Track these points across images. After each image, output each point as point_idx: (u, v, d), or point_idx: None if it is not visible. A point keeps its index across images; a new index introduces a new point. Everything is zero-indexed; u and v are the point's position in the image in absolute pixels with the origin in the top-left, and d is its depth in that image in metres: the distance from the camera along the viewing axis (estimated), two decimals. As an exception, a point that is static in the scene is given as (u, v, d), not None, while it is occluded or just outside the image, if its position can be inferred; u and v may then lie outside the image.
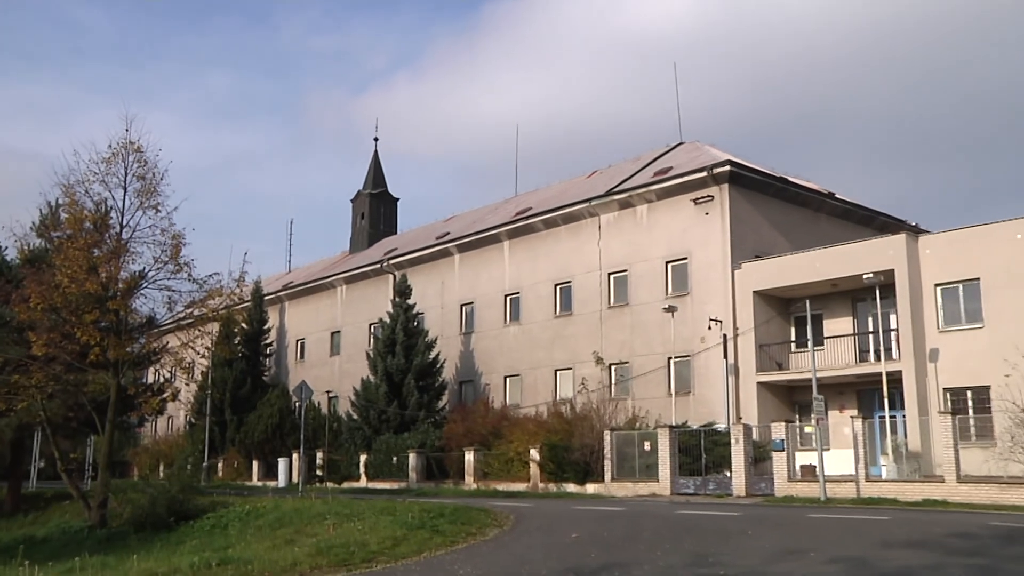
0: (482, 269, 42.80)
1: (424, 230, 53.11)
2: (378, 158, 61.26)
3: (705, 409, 31.89)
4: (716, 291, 32.65)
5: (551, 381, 38.11)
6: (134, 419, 39.03)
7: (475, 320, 42.77)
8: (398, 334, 40.53)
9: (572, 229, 38.65)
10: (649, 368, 34.06)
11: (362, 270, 50.19)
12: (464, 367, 42.70)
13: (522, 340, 39.98)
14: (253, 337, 52.42)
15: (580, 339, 37.13)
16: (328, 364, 51.64)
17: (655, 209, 35.44)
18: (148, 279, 26.38)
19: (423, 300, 43.71)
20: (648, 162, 40.35)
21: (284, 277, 63.79)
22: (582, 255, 37.87)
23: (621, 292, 36.21)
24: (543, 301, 39.38)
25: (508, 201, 49.40)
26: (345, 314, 51.29)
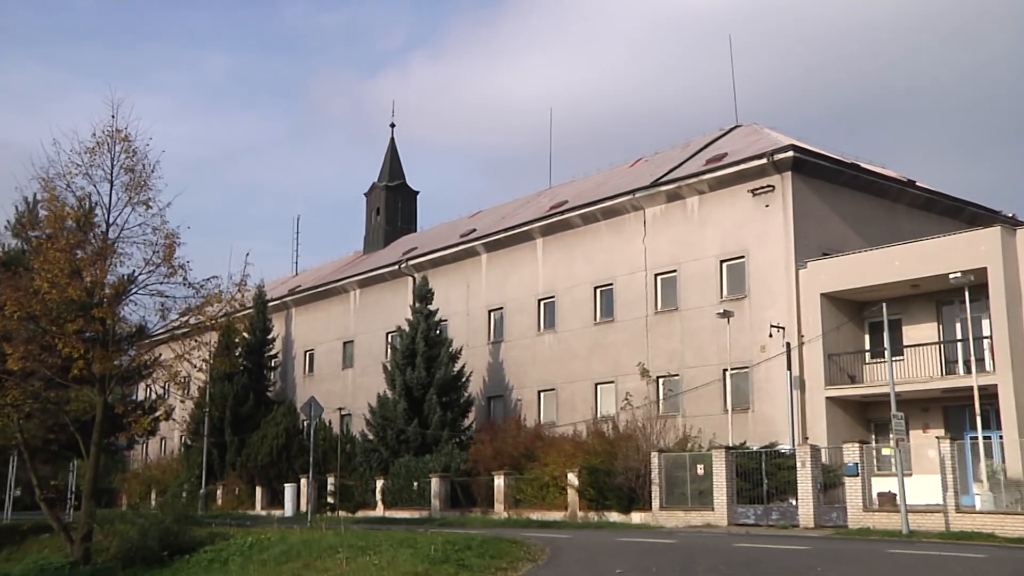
0: (512, 270, 42.67)
1: (447, 227, 53.07)
2: (395, 146, 61.47)
3: (766, 428, 31.59)
4: (778, 294, 32.37)
5: (590, 396, 37.96)
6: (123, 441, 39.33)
7: (505, 328, 42.66)
8: (418, 344, 40.45)
9: (613, 225, 38.44)
10: (702, 381, 33.84)
11: (378, 272, 50.21)
12: (493, 381, 42.57)
13: (558, 350, 39.82)
14: (256, 348, 52.68)
15: (623, 349, 36.95)
16: (340, 378, 51.76)
17: (708, 201, 35.17)
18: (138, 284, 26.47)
19: (446, 305, 43.63)
20: (699, 148, 40.05)
21: (290, 281, 64.14)
22: (625, 254, 37.67)
23: (669, 295, 36.00)
24: (581, 306, 39.18)
25: (541, 194, 49.28)
26: (359, 322, 51.34)
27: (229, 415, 49.39)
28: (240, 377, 50.55)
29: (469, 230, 47.54)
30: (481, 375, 42.76)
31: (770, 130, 38.16)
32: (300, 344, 55.88)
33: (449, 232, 50.35)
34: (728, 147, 37.82)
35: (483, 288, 44.00)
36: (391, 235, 58.46)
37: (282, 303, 57.12)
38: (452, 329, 43.94)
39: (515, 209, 48.25)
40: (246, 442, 47.08)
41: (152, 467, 56.02)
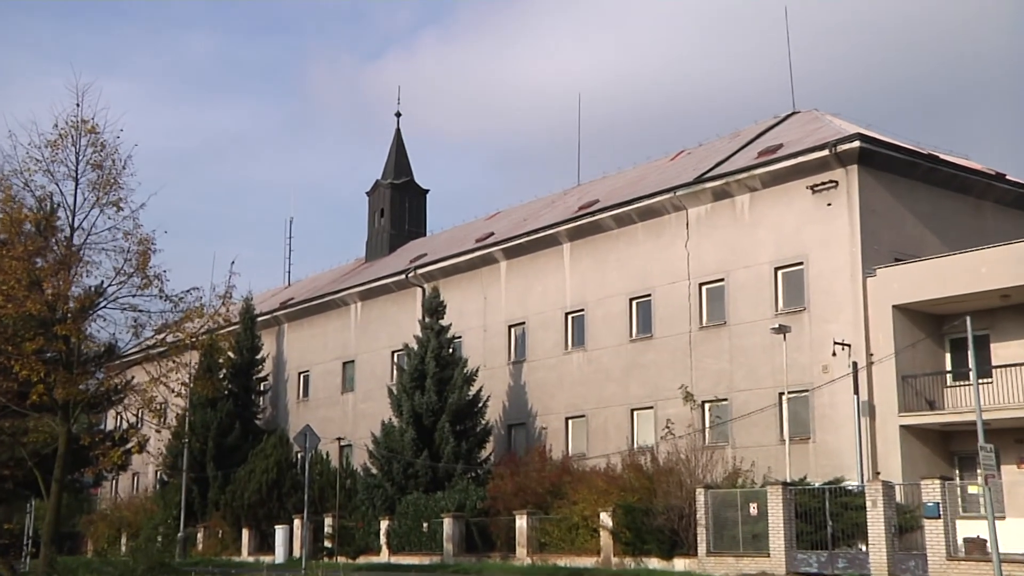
0: (535, 280, 42.52)
1: (461, 231, 53.04)
2: (401, 139, 61.52)
3: (830, 461, 31.22)
4: (842, 306, 32.05)
5: (626, 424, 37.77)
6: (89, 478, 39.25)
7: (527, 345, 42.48)
8: (428, 364, 40.32)
9: (652, 227, 38.20)
10: (754, 407, 33.53)
11: (382, 282, 50.19)
12: (514, 406, 42.39)
13: (588, 371, 39.60)
14: (243, 370, 52.71)
15: (663, 369, 36.71)
16: (339, 403, 51.74)
17: (760, 199, 34.90)
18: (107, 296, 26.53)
19: (460, 320, 43.51)
20: (751, 139, 39.80)
21: (282, 292, 64.23)
22: (665, 260, 37.44)
23: (716, 308, 35.73)
24: (614, 320, 38.95)
25: (568, 192, 49.14)
26: (360, 339, 51.30)
27: (212, 447, 49.37)
28: (224, 403, 50.55)
29: (486, 234, 47.43)
30: (500, 400, 42.59)
31: (832, 117, 37.81)
32: (293, 365, 55.85)
33: (463, 236, 50.25)
34: (784, 137, 37.51)
35: (502, 300, 43.87)
36: (397, 240, 58.43)
37: (273, 318, 57.09)
38: (467, 347, 43.79)
39: (538, 210, 48.10)
40: (231, 478, 47.00)
41: (123, 507, 56.03)
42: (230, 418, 50.60)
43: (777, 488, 27.89)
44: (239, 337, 52.59)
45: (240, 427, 50.62)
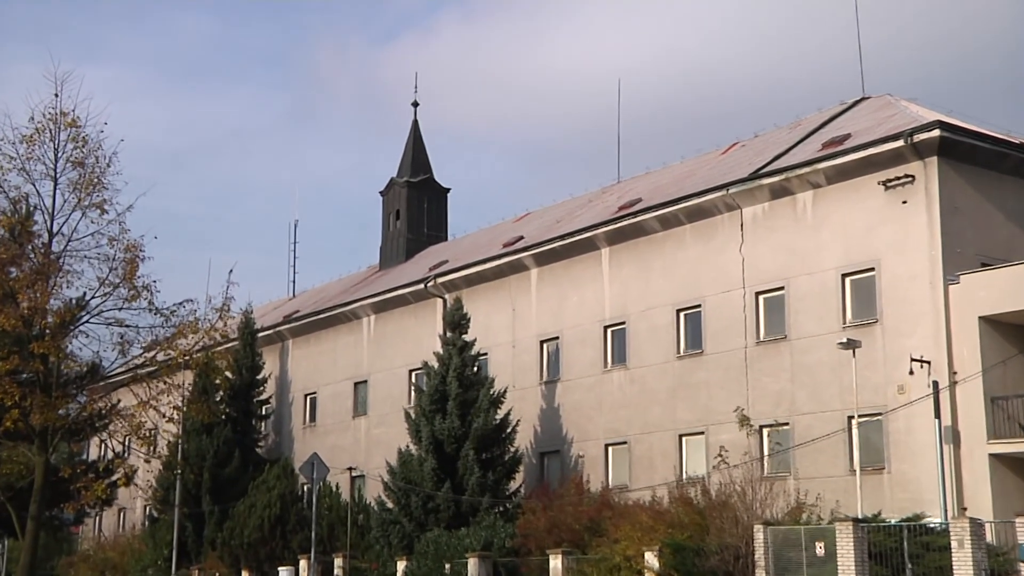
0: (571, 289, 42.38)
1: (486, 234, 52.97)
2: (419, 131, 61.49)
3: (908, 495, 30.86)
4: (921, 317, 31.73)
5: (673, 451, 37.56)
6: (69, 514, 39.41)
7: (561, 363, 42.32)
8: (450, 385, 40.21)
9: (701, 229, 37.99)
10: (819, 432, 33.21)
11: (398, 293, 50.15)
12: (546, 431, 42.26)
13: (630, 392, 39.41)
14: (242, 392, 52.77)
15: (715, 389, 36.48)
16: (350, 429, 51.75)
17: (825, 197, 34.64)
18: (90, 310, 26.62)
19: (486, 335, 43.36)
20: (814, 128, 39.57)
21: (286, 305, 64.18)
22: (716, 267, 37.20)
23: (775, 320, 35.47)
24: (660, 334, 38.74)
25: (607, 190, 48.95)
26: (374, 357, 51.25)
27: (207, 478, 49.28)
28: (222, 429, 50.53)
29: (515, 238, 47.30)
30: (531, 424, 42.41)
31: (908, 103, 37.39)
32: (299, 386, 55.83)
33: (489, 240, 50.14)
34: (852, 126, 37.21)
35: (533, 312, 43.73)
36: (415, 245, 58.37)
37: (276, 334, 57.09)
38: (494, 365, 43.70)
39: (573, 210, 47.96)
40: (229, 513, 46.94)
41: (107, 547, 56.05)
42: (228, 446, 50.49)
43: (847, 525, 27.36)
44: (238, 355, 52.51)
45: (239, 456, 50.52)
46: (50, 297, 25.44)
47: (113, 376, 31.11)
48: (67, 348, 26.25)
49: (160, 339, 27.80)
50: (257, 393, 54.04)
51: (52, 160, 25.50)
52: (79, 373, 28.23)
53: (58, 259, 25.67)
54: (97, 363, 28.54)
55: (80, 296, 27.14)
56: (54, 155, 25.51)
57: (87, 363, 28.31)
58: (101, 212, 26.59)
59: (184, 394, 31.34)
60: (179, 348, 27.64)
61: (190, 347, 28.15)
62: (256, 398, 54.03)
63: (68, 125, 25.75)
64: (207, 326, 28.26)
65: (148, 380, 27.99)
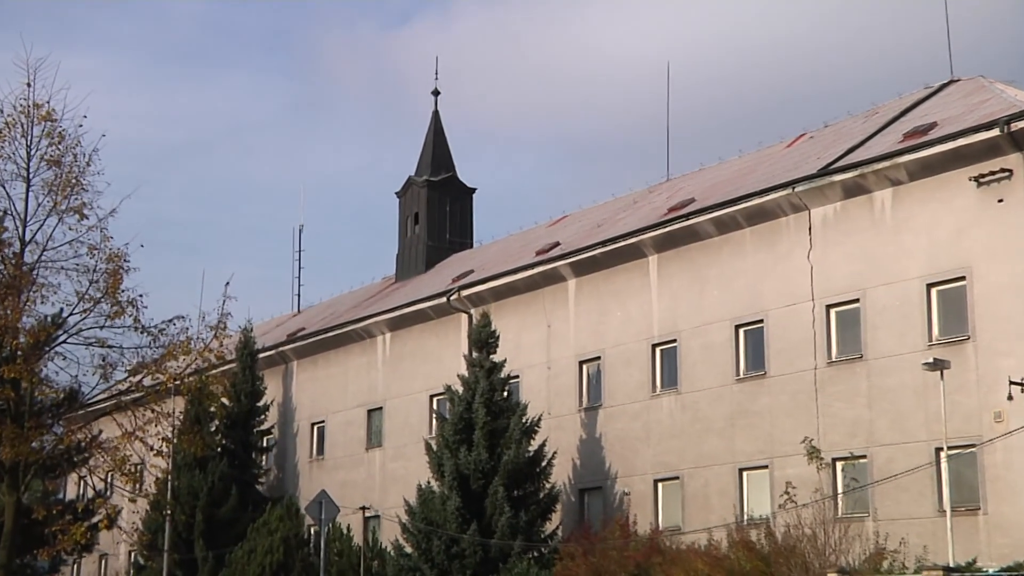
0: (614, 302, 42.34)
1: (517, 240, 53.03)
2: (440, 124, 61.57)
3: (1008, 539, 30.40)
4: (1020, 333, 31.40)
5: (732, 488, 37.45)
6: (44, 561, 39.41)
7: (603, 387, 42.26)
8: (477, 412, 40.16)
9: (763, 233, 37.87)
10: (902, 466, 32.82)
11: (417, 308, 50.24)
12: (587, 465, 42.20)
13: (682, 420, 39.31)
14: (240, 421, 52.95)
15: (780, 417, 36.33)
16: (363, 463, 51.89)
17: (907, 195, 34.40)
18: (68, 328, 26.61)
19: (518, 355, 43.45)
20: (894, 116, 39.39)
21: (290, 321, 64.37)
22: (781, 276, 37.06)
23: (849, 337, 35.27)
24: (716, 353, 38.62)
25: (654, 190, 48.92)
26: (390, 381, 51.38)
27: (201, 520, 49.36)
28: (217, 463, 50.63)
29: (549, 244, 47.32)
30: (569, 457, 42.38)
31: (1004, 86, 37.01)
32: (305, 414, 56.01)
33: (520, 247, 50.18)
34: (938, 113, 37.00)
35: (571, 329, 43.71)
36: (436, 253, 58.50)
37: (279, 355, 57.27)
38: (526, 389, 43.70)
39: (616, 213, 47.94)
40: (226, 560, 46.86)
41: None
42: (224, 483, 50.53)
43: (936, 575, 27.13)
44: (235, 379, 52.65)
45: (237, 494, 50.54)
46: (22, 314, 25.52)
47: (94, 404, 31.17)
48: (41, 372, 26.35)
49: (147, 361, 27.90)
50: (257, 422, 54.12)
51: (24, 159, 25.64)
52: (55, 400, 28.30)
53: (31, 271, 25.76)
54: (76, 389, 28.61)
55: (56, 313, 27.28)
56: (26, 153, 25.65)
57: (64, 389, 28.39)
58: (80, 217, 26.72)
59: (174, 424, 31.32)
60: (169, 371, 27.70)
61: (181, 370, 28.21)
62: (256, 428, 54.10)
63: (42, 119, 25.86)
64: (200, 346, 28.33)
65: (134, 408, 28.08)
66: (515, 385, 43.20)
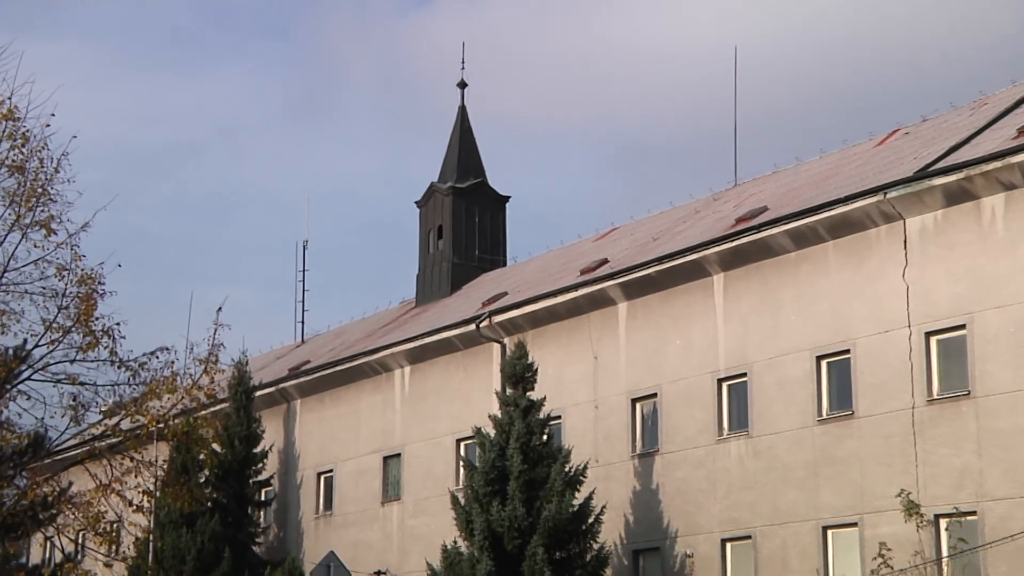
0: (672, 329, 42.29)
1: (558, 257, 53.17)
2: (467, 121, 61.76)
3: None
4: None
5: (815, 549, 37.28)
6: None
7: (661, 429, 42.13)
8: (512, 459, 40.07)
9: (849, 248, 37.74)
10: (1020, 524, 32.56)
11: (442, 337, 50.30)
12: (642, 521, 42.11)
13: (754, 468, 39.16)
14: (235, 470, 53.06)
15: (871, 465, 36.09)
16: (378, 519, 51.98)
17: (1021, 201, 34.26)
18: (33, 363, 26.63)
19: (559, 392, 43.45)
20: (1005, 109, 39.15)
21: (293, 353, 64.62)
22: (870, 298, 36.90)
23: (955, 370, 35.08)
24: (794, 390, 38.47)
25: (719, 197, 48.96)
26: (410, 422, 51.44)
27: (190, 585, 49.31)
28: (207, 521, 50.68)
29: (596, 262, 47.31)
30: (621, 512, 42.33)
31: None
32: (310, 461, 56.10)
33: (562, 265, 50.25)
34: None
35: (622, 361, 43.63)
36: (463, 272, 58.59)
37: (280, 392, 57.43)
38: (569, 432, 43.73)
39: (674, 224, 47.96)
40: (219, 632, 46.89)
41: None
42: (216, 543, 50.51)
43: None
44: (229, 421, 52.78)
45: (231, 556, 50.46)
46: (-22, 346, 25.71)
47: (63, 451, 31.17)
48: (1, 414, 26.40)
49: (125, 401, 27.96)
50: (254, 472, 54.17)
51: (-18, 164, 25.72)
52: (17, 448, 28.27)
53: (-10, 297, 25.83)
54: (42, 433, 28.59)
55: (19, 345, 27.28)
56: (-15, 157, 25.74)
57: (28, 434, 28.38)
58: (47, 233, 26.75)
59: (157, 474, 31.31)
60: (151, 413, 27.72)
61: (165, 411, 28.26)
62: (253, 479, 54.16)
63: (3, 117, 25.94)
64: (188, 383, 28.38)
65: (110, 456, 28.11)
66: (556, 427, 43.22)
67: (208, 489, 50.82)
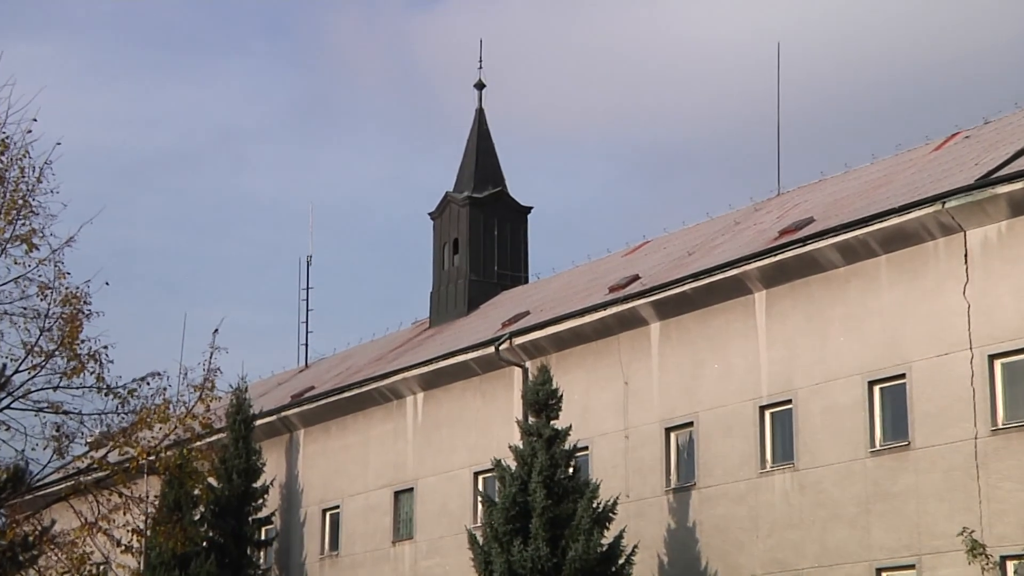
0: (708, 351, 42.30)
1: (584, 273, 53.25)
2: (485, 124, 61.97)
3: None
4: None
5: None
6: None
7: (697, 461, 42.08)
8: (535, 494, 39.95)
9: (903, 262, 37.61)
10: (1097, 568, 32.65)
11: (458, 360, 50.34)
12: (678, 562, 42.08)
13: (801, 504, 39.03)
14: (232, 506, 53.17)
15: (930, 501, 35.91)
16: (389, 559, 52.04)
17: None
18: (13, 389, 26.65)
19: (586, 420, 43.48)
20: None
21: (296, 379, 64.81)
22: (928, 317, 36.79)
23: (1021, 397, 34.90)
24: (844, 419, 38.31)
25: (761, 207, 49.08)
26: (423, 454, 51.53)
27: (184, 634, 49.35)
28: (203, 562, 50.63)
29: (626, 278, 47.26)
30: (654, 552, 42.27)
31: None
32: (314, 497, 56.20)
33: (589, 283, 50.32)
34: None
35: (654, 386, 43.60)
36: (481, 290, 58.77)
37: (281, 421, 57.56)
38: (597, 465, 43.75)
39: (711, 237, 48.05)
40: None
41: None
42: (213, 586, 50.54)
43: None
44: (226, 453, 52.89)
45: (230, 600, 50.52)
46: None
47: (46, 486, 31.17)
48: (-25, 447, 26.53)
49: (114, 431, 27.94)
50: (254, 508, 54.23)
51: (-46, 173, 25.82)
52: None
53: (-37, 317, 25.93)
54: (22, 467, 28.60)
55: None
56: (-43, 166, 25.84)
57: (7, 467, 28.47)
58: (29, 248, 26.79)
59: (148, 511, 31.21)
60: (141, 444, 27.70)
61: (157, 442, 28.24)
62: (252, 516, 54.21)
63: (-23, 124, 26.07)
64: (182, 412, 28.36)
65: (96, 491, 28.08)
66: (583, 459, 43.24)
67: (203, 528, 50.92)
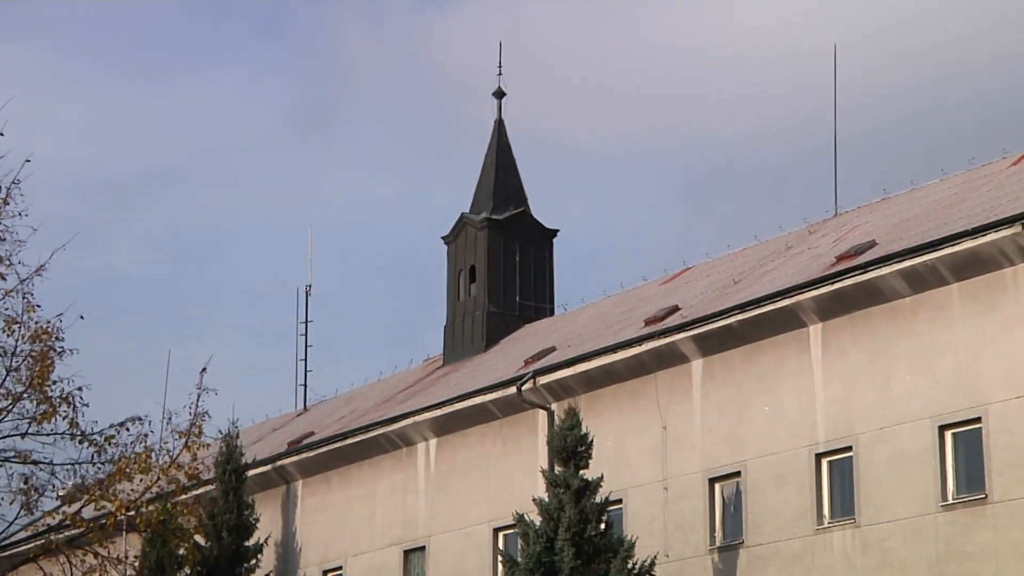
0: (756, 392, 42.25)
1: (617, 304, 53.41)
2: (505, 137, 62.19)
3: None
4: None
5: None
6: None
7: (745, 516, 41.99)
8: (563, 552, 39.92)
9: (977, 291, 37.50)
10: None
11: (475, 402, 50.33)
12: None
13: (863, 564, 38.87)
14: (222, 567, 53.07)
15: (1008, 561, 35.64)
16: None
17: None
18: None
19: (619, 469, 43.51)
20: None
21: (294, 423, 65.08)
22: (1005, 353, 36.60)
23: None
24: (911, 468, 38.17)
25: (816, 230, 49.20)
26: (437, 507, 51.56)
27: None
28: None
29: (664, 310, 47.30)
30: None
31: None
32: (314, 556, 56.26)
33: (622, 315, 50.45)
34: None
35: (696, 431, 43.56)
36: (501, 323, 58.88)
37: (277, 471, 57.76)
38: (633, 520, 43.71)
39: (759, 264, 48.16)
40: None
41: None
42: (202, 654, 50.56)
43: None
44: (215, 507, 52.80)
45: (220, 671, 50.52)
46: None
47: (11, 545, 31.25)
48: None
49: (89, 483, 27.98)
50: (246, 570, 54.19)
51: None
52: (-43, 541, 28.54)
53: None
54: (-12, 522, 28.78)
55: (-39, 414, 27.43)
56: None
57: (-28, 524, 28.63)
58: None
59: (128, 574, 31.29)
60: (119, 498, 27.74)
61: (137, 496, 28.28)
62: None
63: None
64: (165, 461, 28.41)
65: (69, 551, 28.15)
66: (616, 514, 43.22)
67: (191, 591, 50.87)
